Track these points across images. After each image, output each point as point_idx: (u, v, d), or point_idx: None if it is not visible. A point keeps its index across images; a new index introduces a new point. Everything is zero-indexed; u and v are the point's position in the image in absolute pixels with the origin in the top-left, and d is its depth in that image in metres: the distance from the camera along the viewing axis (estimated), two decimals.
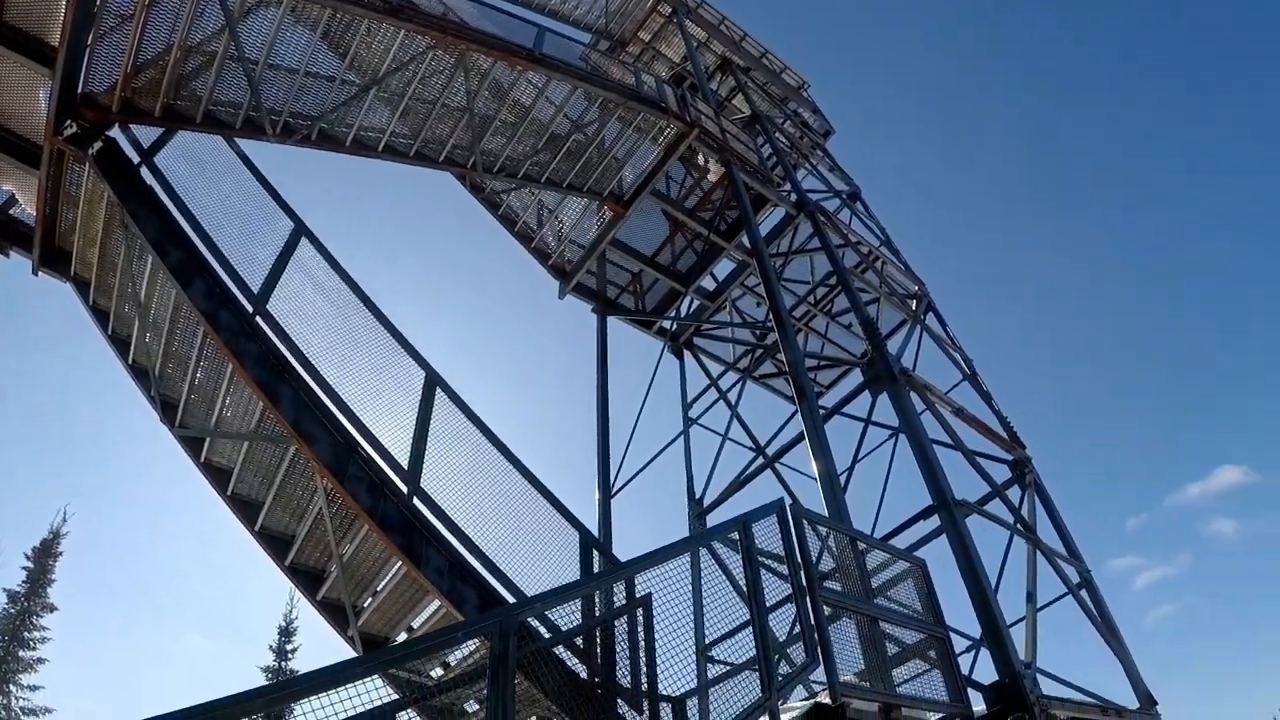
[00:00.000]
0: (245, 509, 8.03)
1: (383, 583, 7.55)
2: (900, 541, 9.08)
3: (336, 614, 7.84)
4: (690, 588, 6.32)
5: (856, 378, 11.14)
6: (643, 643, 6.31)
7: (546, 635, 6.14)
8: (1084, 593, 11.55)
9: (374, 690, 4.30)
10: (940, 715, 7.26)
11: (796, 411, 9.72)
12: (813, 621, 6.10)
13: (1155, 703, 11.08)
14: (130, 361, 8.44)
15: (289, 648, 37.71)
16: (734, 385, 14.71)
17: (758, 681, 5.74)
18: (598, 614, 6.53)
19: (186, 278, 7.10)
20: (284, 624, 38.74)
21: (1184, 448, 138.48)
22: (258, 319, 7.16)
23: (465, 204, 13.80)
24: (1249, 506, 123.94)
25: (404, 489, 6.97)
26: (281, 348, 7.10)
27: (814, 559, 6.65)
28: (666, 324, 15.16)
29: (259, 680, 34.79)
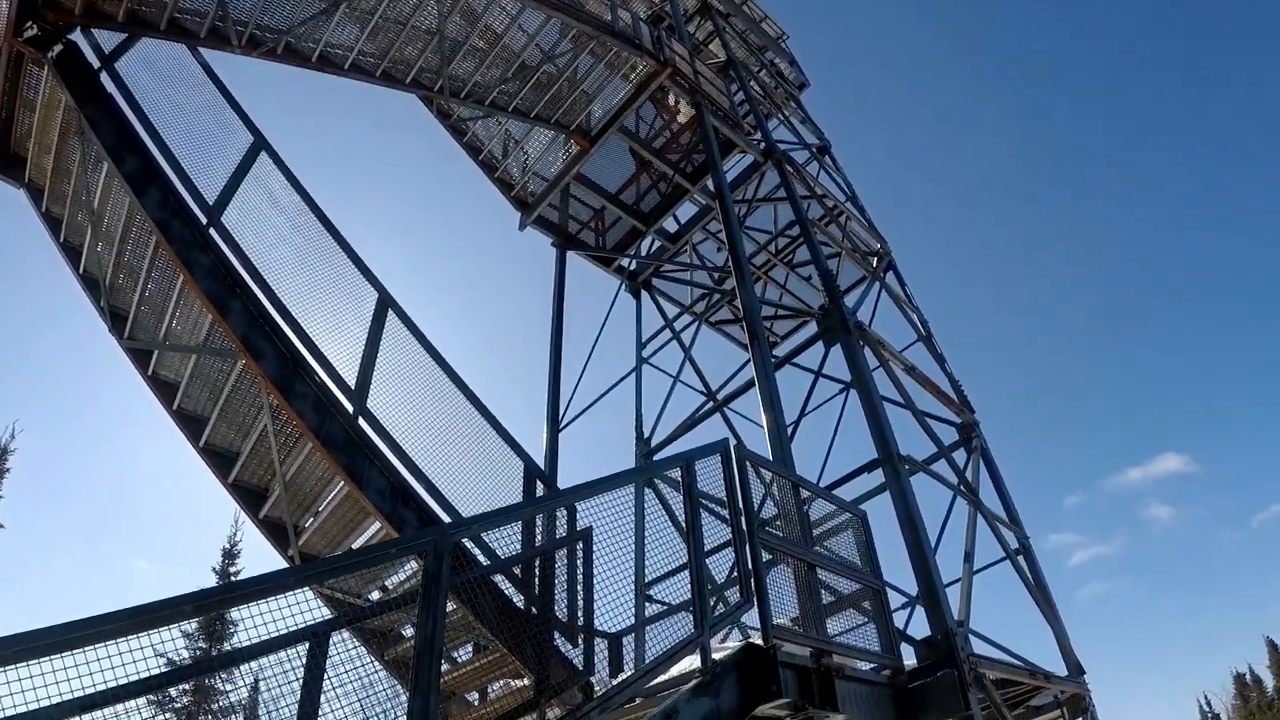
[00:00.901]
0: (191, 424, 7.93)
1: (324, 503, 7.52)
2: (843, 495, 9.12)
3: (278, 533, 7.80)
4: (631, 525, 6.35)
5: (812, 332, 11.10)
6: (581, 577, 6.34)
7: (485, 563, 6.12)
8: (1021, 559, 11.70)
9: (308, 607, 4.29)
10: (871, 665, 7.35)
11: (749, 361, 9.74)
12: (749, 563, 6.13)
13: (1083, 672, 11.31)
14: (81, 271, 8.27)
15: (232, 570, 37.57)
16: (688, 326, 14.65)
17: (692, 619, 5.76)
18: (538, 544, 6.52)
19: (141, 187, 6.95)
20: (227, 546, 38.61)
21: (1129, 432, 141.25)
22: (211, 231, 7.01)
23: (430, 130, 13.61)
24: (1187, 494, 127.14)
25: (350, 409, 6.90)
26: (234, 261, 6.97)
27: (755, 503, 6.67)
28: (626, 263, 15.05)
29: None
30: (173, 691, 27.46)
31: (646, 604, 9.33)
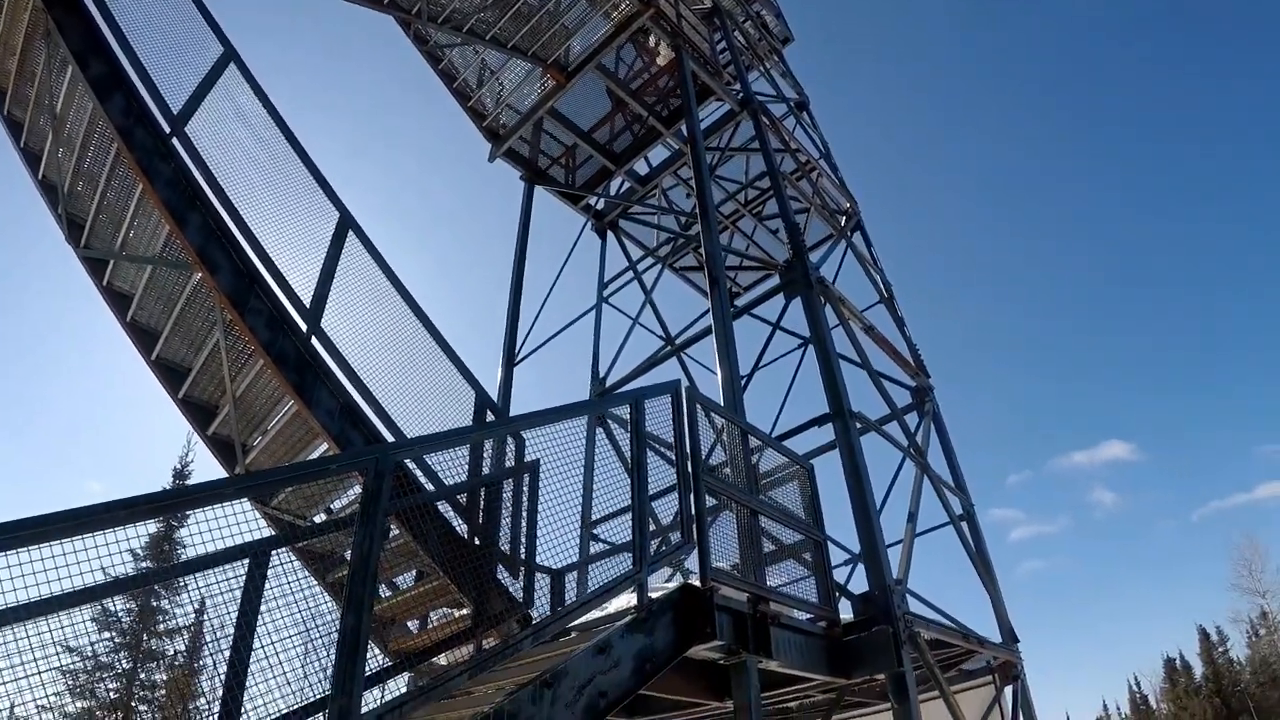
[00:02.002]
0: (144, 337, 7.83)
1: (273, 422, 7.47)
2: (792, 448, 9.14)
3: (226, 451, 7.74)
4: (579, 462, 6.34)
5: (774, 285, 11.08)
6: (526, 510, 6.35)
7: (430, 489, 6.11)
8: (965, 526, 11.84)
9: (251, 525, 4.27)
10: (808, 616, 7.42)
11: (709, 311, 9.72)
12: (692, 505, 6.15)
13: (1017, 640, 11.51)
14: (40, 177, 8.12)
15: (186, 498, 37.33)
16: (650, 267, 14.60)
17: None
18: (484, 473, 6.51)
19: (105, 92, 6.79)
20: (179, 467, 38.46)
21: (1078, 416, 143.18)
22: (174, 141, 6.85)
23: (405, 55, 13.42)
24: (1130, 482, 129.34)
25: (304, 328, 6.84)
26: (195, 173, 6.84)
27: (705, 449, 6.70)
28: (593, 201, 14.93)
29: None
30: (118, 611, 27.45)
31: (591, 543, 9.39)
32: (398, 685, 5.69)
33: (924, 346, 13.26)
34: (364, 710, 4.14)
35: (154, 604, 30.21)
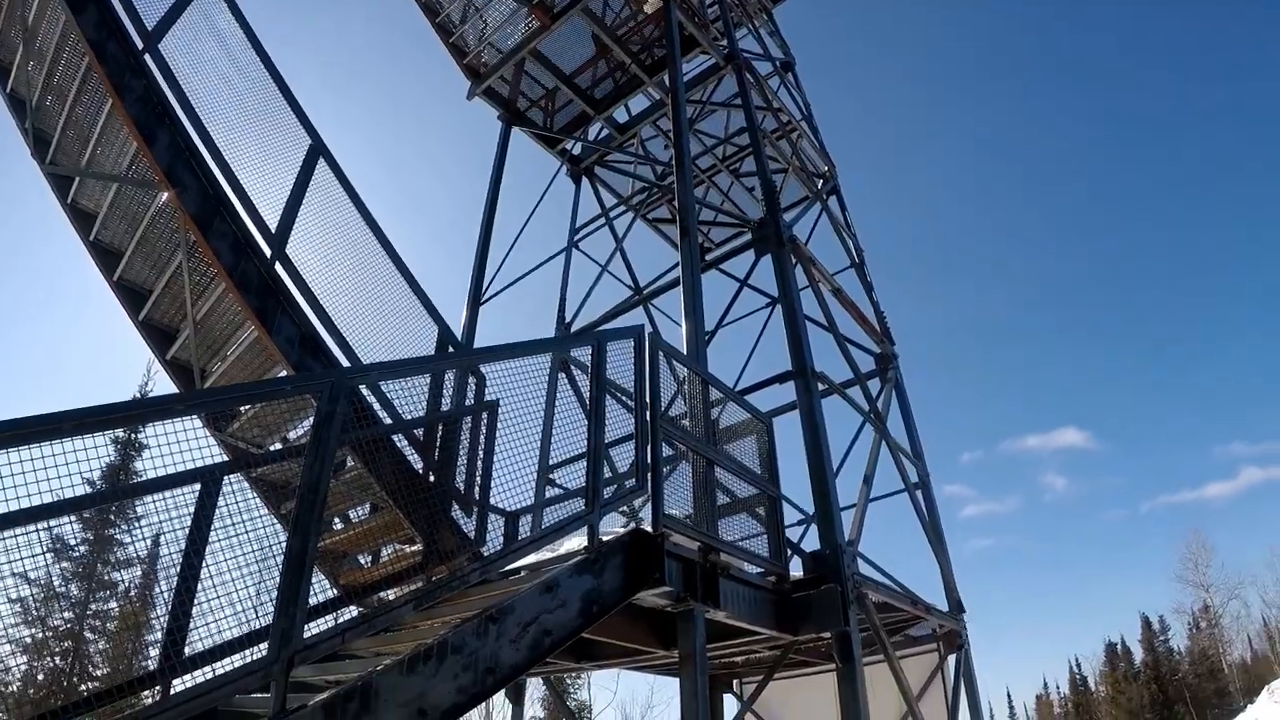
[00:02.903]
0: (106, 257, 7.72)
1: (232, 348, 7.38)
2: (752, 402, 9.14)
3: (184, 377, 7.67)
4: (539, 405, 6.31)
5: (745, 242, 11.04)
6: (482, 450, 6.33)
7: (387, 421, 6.07)
8: (919, 494, 11.94)
9: (203, 447, 4.23)
10: (758, 570, 7.45)
11: (679, 265, 9.66)
12: (649, 450, 6.14)
13: (963, 611, 11.64)
14: (9, 90, 7.96)
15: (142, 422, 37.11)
16: (621, 214, 14.41)
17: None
18: (443, 409, 6.46)
19: (79, 4, 6.67)
20: (138, 394, 38.17)
21: (1034, 399, 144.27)
22: (147, 57, 6.75)
23: None
24: (1082, 469, 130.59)
25: (268, 253, 6.76)
26: (167, 91, 6.74)
27: (666, 399, 6.67)
28: (570, 146, 14.71)
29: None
30: (70, 540, 27.32)
31: (547, 489, 9.37)
32: (346, 618, 5.71)
33: (890, 320, 13.31)
34: (306, 635, 4.12)
35: (108, 533, 30.10)
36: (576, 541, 5.96)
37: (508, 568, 6.73)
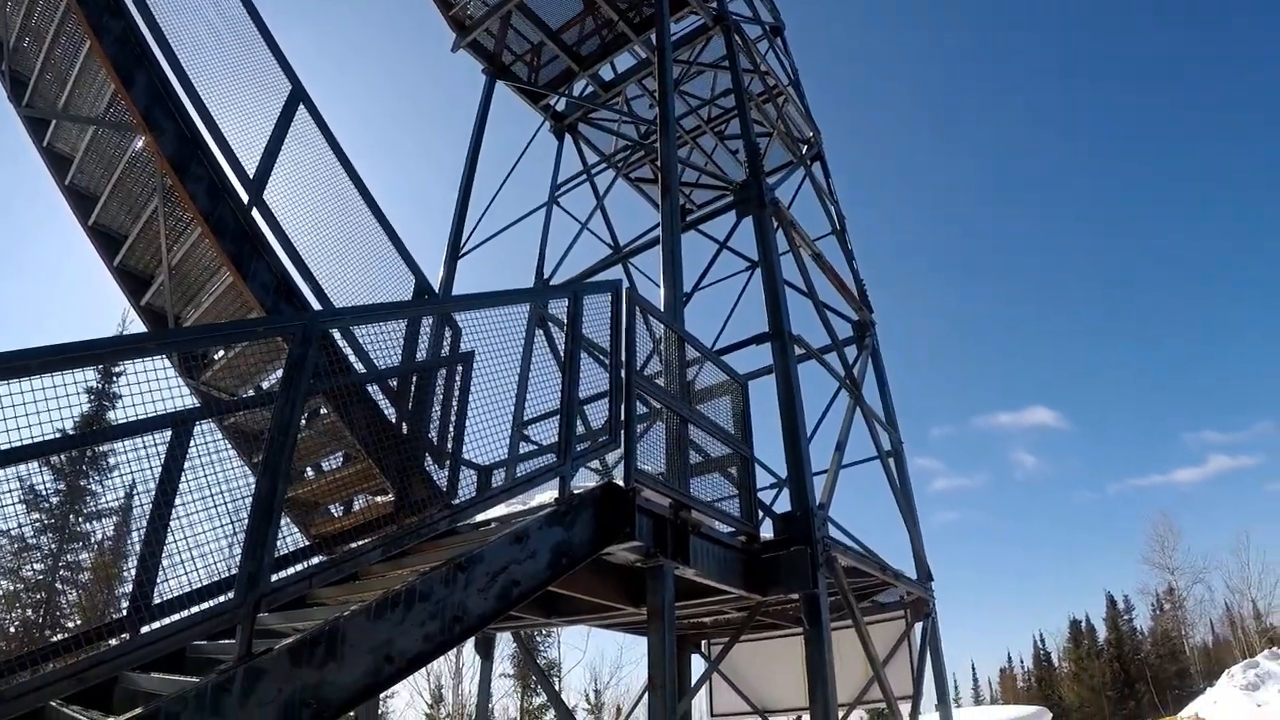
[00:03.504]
0: (82, 202, 7.63)
1: (207, 294, 7.32)
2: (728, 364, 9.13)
3: (159, 323, 7.58)
4: (515, 360, 6.28)
5: (727, 203, 11.00)
6: (456, 403, 6.30)
7: (362, 371, 6.04)
8: (892, 462, 11.99)
9: (176, 394, 4.20)
10: (729, 530, 7.48)
11: (658, 226, 9.62)
12: (622, 404, 6.14)
13: (932, 579, 11.73)
14: None
15: (115, 370, 36.91)
16: (602, 170, 14.34)
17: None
18: (417, 360, 6.43)
19: None
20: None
21: (1007, 378, 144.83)
22: None
23: None
24: (1051, 449, 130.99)
25: (245, 198, 6.70)
26: (146, 32, 6.63)
27: (642, 358, 6.67)
28: (554, 103, 14.60)
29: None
30: (43, 490, 27.18)
31: (521, 445, 9.35)
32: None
33: (869, 285, 13.32)
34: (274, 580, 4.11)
35: (82, 485, 29.96)
36: (548, 496, 5.95)
37: (478, 519, 6.75)
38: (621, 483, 5.96)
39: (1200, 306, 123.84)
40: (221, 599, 4.03)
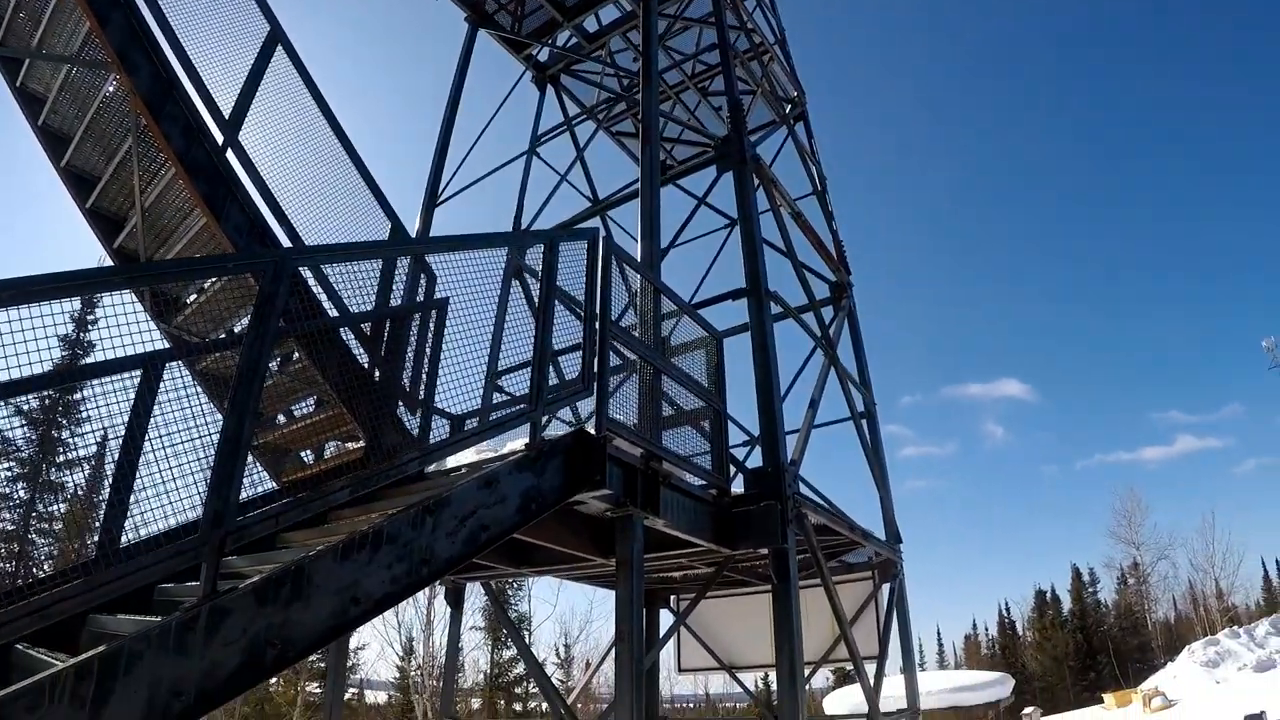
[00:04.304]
0: (55, 143, 7.52)
1: (180, 237, 7.26)
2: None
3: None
4: (490, 309, 6.24)
5: (707, 158, 10.95)
6: (430, 349, 6.26)
7: (335, 315, 6.00)
8: (865, 423, 12.04)
9: (149, 337, 4.17)
10: (700, 483, 7.49)
11: (638, 180, 9.56)
12: (596, 352, 6.12)
13: (900, 541, 11.83)
14: None
15: (90, 318, 36.58)
16: (582, 121, 14.23)
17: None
18: (391, 305, 6.38)
19: None
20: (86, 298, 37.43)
21: (978, 349, 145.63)
22: None
23: None
24: (1021, 422, 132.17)
25: (220, 139, 6.63)
26: None
27: (618, 310, 6.64)
28: (536, 53, 14.40)
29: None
30: (16, 440, 26.99)
31: (495, 395, 9.28)
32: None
33: (849, 250, 13.32)
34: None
35: (54, 434, 29.79)
36: (520, 444, 5.93)
37: (450, 466, 6.74)
38: (593, 431, 5.95)
39: (1173, 287, 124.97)
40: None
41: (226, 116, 6.72)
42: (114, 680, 3.24)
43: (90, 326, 36.10)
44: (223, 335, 7.27)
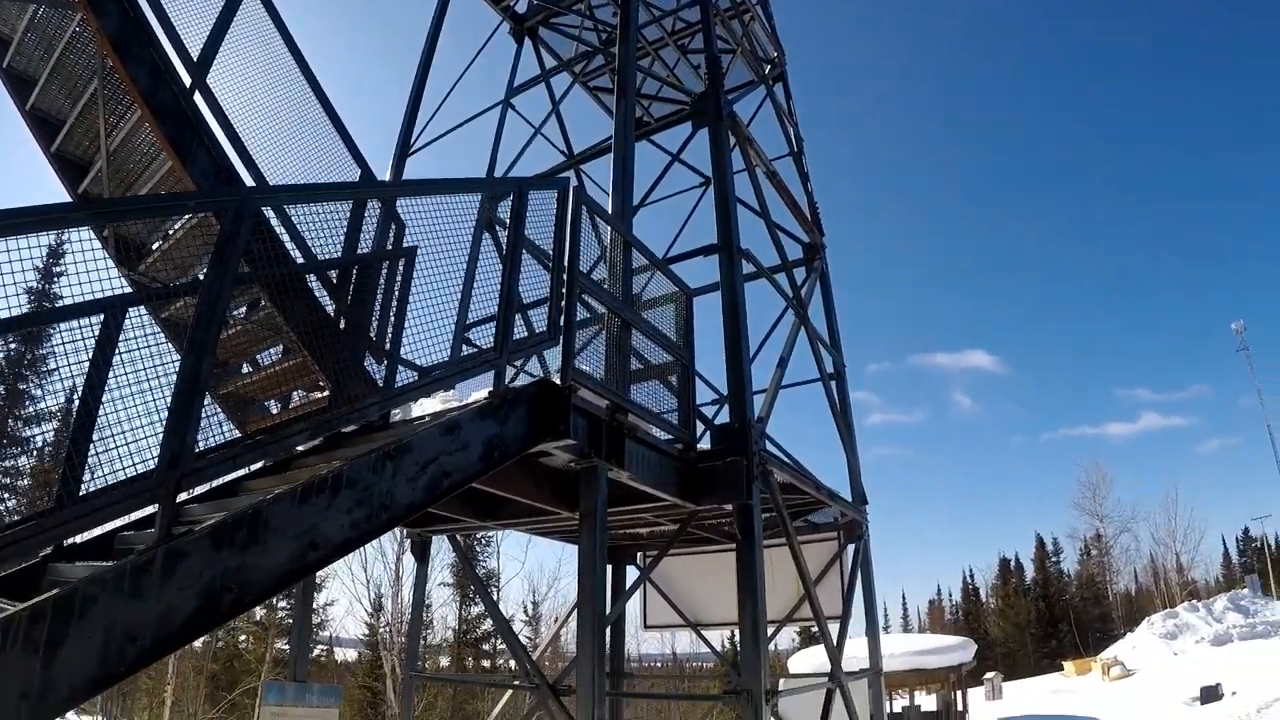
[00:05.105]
0: (20, 85, 7.38)
1: (146, 181, 7.16)
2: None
3: None
4: (460, 260, 6.19)
5: (684, 114, 10.85)
6: (397, 298, 6.21)
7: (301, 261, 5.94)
8: (834, 384, 12.05)
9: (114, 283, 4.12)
10: (667, 438, 7.49)
11: (611, 137, 9.48)
12: (563, 301, 6.10)
13: (866, 502, 11.89)
14: None
15: (56, 270, 36.19)
16: (558, 74, 13.99)
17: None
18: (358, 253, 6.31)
19: None
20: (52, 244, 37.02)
21: (947, 320, 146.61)
22: None
23: None
24: (988, 392, 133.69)
25: (188, 81, 6.52)
26: None
27: (589, 264, 6.60)
28: (514, 3, 13.97)
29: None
30: None
31: (465, 348, 9.22)
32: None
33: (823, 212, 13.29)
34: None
35: (20, 388, 29.52)
36: (485, 395, 5.91)
37: (414, 415, 6.71)
38: (558, 380, 5.93)
39: (1145, 266, 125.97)
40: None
41: (195, 58, 6.59)
42: (68, 624, 3.21)
43: (56, 279, 35.76)
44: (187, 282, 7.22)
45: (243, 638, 47.41)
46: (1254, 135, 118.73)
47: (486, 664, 48.34)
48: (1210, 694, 27.83)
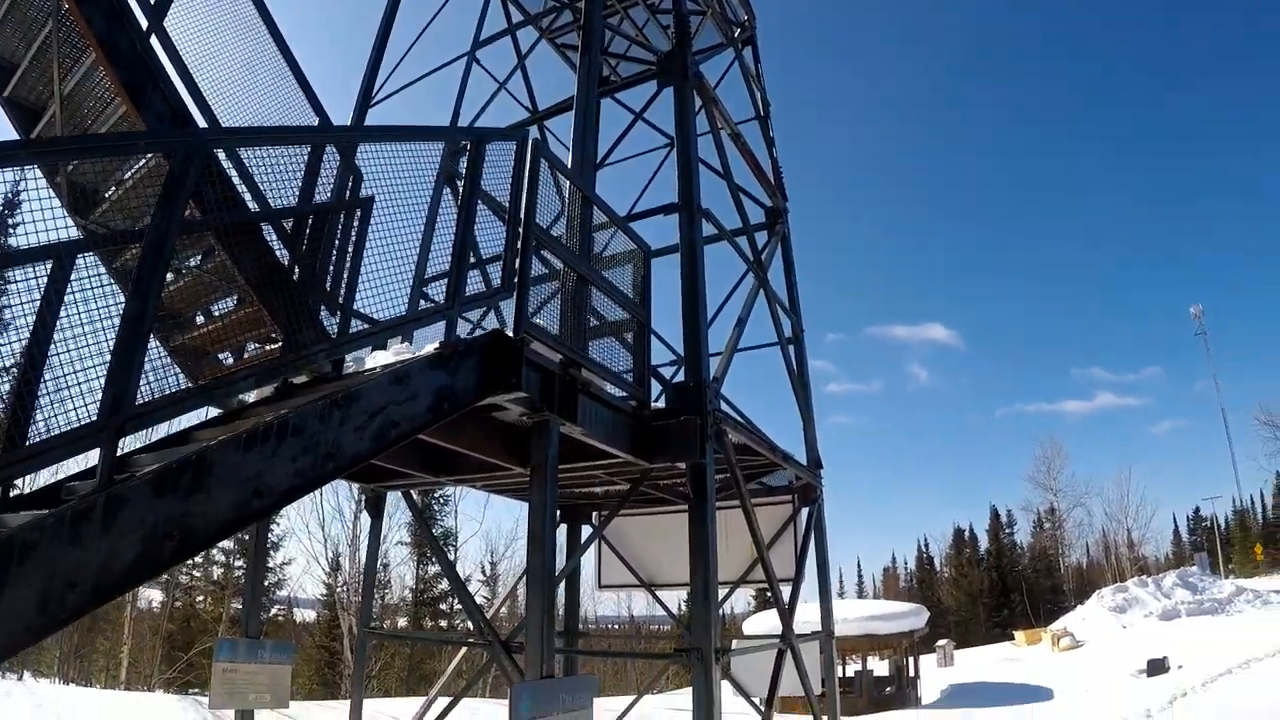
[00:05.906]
0: None
1: (100, 128, 7.05)
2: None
3: None
4: (419, 212, 6.15)
5: (649, 73, 10.75)
6: (352, 249, 6.16)
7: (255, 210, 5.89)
8: (792, 348, 12.10)
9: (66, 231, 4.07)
10: (621, 394, 7.48)
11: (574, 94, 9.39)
12: (519, 253, 6.06)
13: (821, 467, 11.97)
14: None
15: (11, 223, 35.60)
16: (523, 26, 13.68)
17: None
18: (314, 201, 6.24)
19: None
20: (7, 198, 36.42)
21: (905, 292, 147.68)
22: None
23: None
24: (945, 365, 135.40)
25: (145, 24, 6.41)
26: None
27: (543, 212, 6.55)
28: None
29: None
30: None
31: (421, 303, 9.14)
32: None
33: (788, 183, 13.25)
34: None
35: None
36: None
37: (367, 368, 6.68)
38: (511, 332, 5.91)
39: (1103, 249, 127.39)
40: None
41: (152, 1, 6.49)
42: (5, 571, 3.17)
43: (11, 231, 35.14)
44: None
45: (200, 598, 47.38)
46: (1216, 122, 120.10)
47: (444, 624, 48.61)
48: (1157, 667, 28.28)
